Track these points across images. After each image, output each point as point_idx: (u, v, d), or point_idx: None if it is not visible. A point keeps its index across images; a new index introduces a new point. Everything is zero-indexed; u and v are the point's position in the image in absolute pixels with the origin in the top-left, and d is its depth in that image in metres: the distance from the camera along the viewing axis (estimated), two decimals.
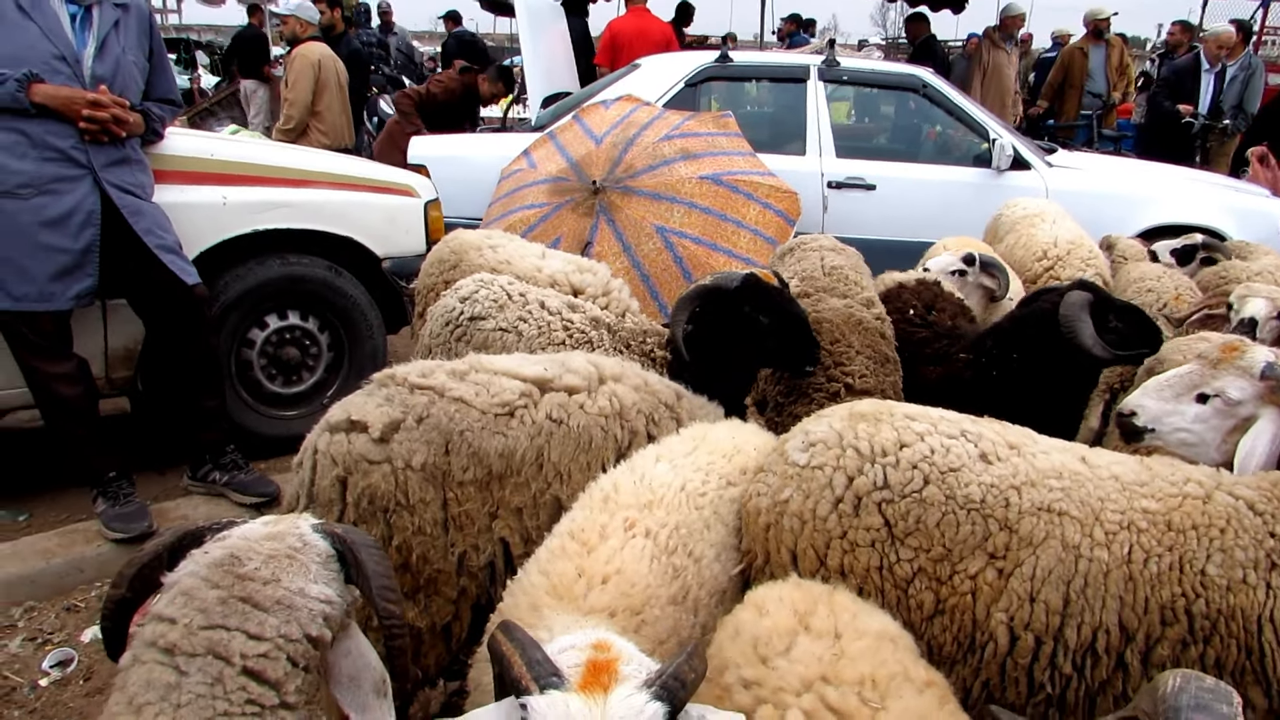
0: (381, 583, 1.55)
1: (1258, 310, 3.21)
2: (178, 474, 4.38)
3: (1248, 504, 1.92)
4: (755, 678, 1.61)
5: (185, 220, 4.01)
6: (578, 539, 1.93)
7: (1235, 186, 7.05)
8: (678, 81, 6.75)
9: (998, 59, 10.08)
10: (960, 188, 6.49)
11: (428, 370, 2.54)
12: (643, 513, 2.02)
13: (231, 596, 1.43)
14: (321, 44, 7.88)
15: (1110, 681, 1.91)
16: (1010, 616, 1.94)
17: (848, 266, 4.06)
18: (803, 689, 1.54)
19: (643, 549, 1.91)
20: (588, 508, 2.07)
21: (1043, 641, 1.93)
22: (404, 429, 2.33)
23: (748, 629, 1.72)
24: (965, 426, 2.15)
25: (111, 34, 3.72)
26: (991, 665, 1.97)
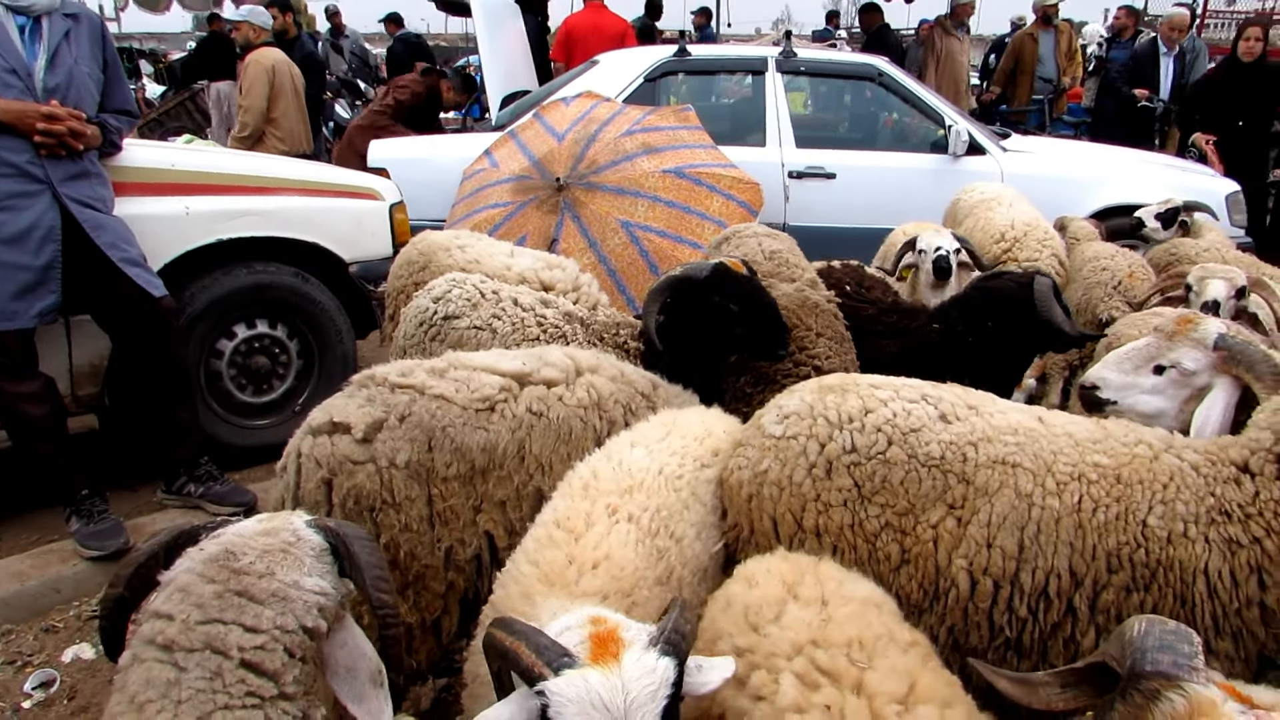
0: (375, 574, 1.58)
1: (1218, 292, 3.32)
2: (150, 489, 4.34)
3: (1192, 465, 2.05)
4: (748, 645, 1.68)
5: (148, 232, 3.97)
6: (564, 527, 1.97)
7: (1182, 167, 7.24)
8: (637, 77, 6.79)
9: (950, 46, 10.23)
10: (918, 174, 6.60)
11: (407, 369, 2.57)
12: (624, 498, 2.07)
13: (227, 591, 1.45)
14: (275, 49, 7.81)
15: (1061, 625, 2.05)
16: (969, 562, 2.09)
17: (785, 250, 4.13)
18: (794, 653, 1.61)
19: (627, 533, 1.96)
20: (569, 496, 2.11)
21: (1000, 586, 2.07)
22: (387, 428, 2.36)
23: (739, 600, 1.79)
24: (926, 391, 2.30)
25: (63, 45, 3.67)
26: (955, 611, 2.10)
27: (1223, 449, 2.07)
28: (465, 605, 2.44)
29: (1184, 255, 4.83)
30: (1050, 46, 10.73)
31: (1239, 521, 1.94)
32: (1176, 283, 3.65)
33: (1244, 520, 1.94)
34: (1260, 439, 2.02)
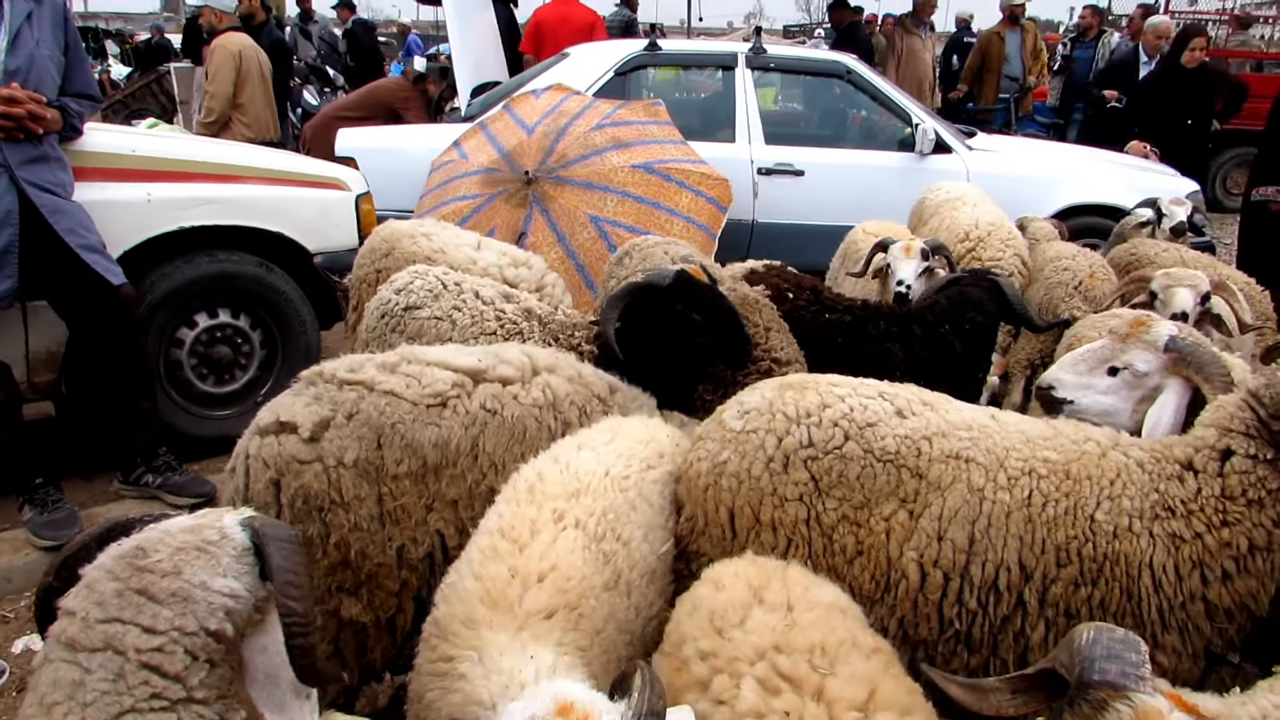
0: (286, 578, 1.49)
1: (1185, 304, 3.36)
2: (106, 479, 4.28)
3: (1137, 462, 2.09)
4: (711, 649, 1.68)
5: (108, 218, 3.91)
6: (508, 537, 1.94)
7: (1143, 166, 7.35)
8: (607, 70, 6.78)
9: (912, 44, 10.32)
10: (885, 172, 6.66)
11: (356, 365, 2.53)
12: (570, 502, 2.04)
13: (128, 589, 1.40)
14: (241, 34, 7.69)
15: (1011, 619, 2.08)
16: (920, 554, 2.12)
17: (694, 254, 4.12)
18: (756, 658, 1.61)
19: (574, 540, 1.93)
20: (514, 501, 2.07)
21: (950, 578, 2.10)
22: (334, 426, 2.33)
23: (705, 603, 1.80)
24: (883, 389, 2.34)
25: (24, 27, 3.60)
26: (905, 602, 2.13)
27: (1168, 447, 2.12)
28: (420, 603, 2.41)
29: (1144, 255, 4.92)
30: (1016, 45, 10.85)
31: (1182, 517, 1.98)
32: (1139, 287, 3.70)
33: (1186, 516, 1.98)
34: (1203, 436, 2.07)
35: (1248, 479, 1.95)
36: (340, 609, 2.32)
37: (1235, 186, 12.34)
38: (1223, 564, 1.95)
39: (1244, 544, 1.92)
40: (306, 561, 1.57)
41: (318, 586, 2.28)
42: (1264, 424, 1.98)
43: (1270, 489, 1.93)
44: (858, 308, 3.84)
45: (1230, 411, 2.07)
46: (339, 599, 2.32)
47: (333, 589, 2.31)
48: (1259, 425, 2.00)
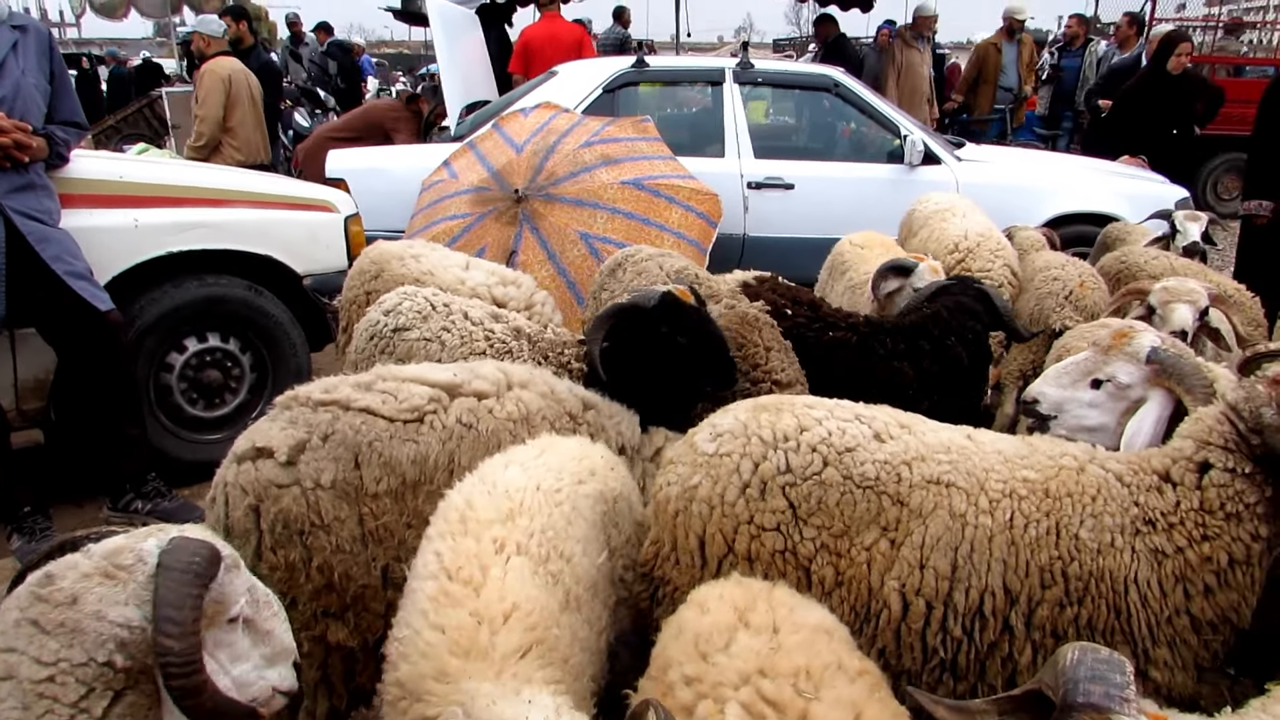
0: (164, 612, 1.42)
1: (1185, 320, 3.33)
2: (97, 505, 4.26)
3: (1116, 476, 2.06)
4: (696, 674, 1.66)
5: (95, 244, 3.92)
6: (458, 579, 1.83)
7: (1133, 175, 7.37)
8: (595, 87, 6.80)
9: (910, 58, 10.36)
10: (875, 184, 6.67)
11: (331, 386, 2.52)
12: (507, 526, 1.96)
13: (23, 619, 1.40)
14: (231, 59, 7.73)
15: (998, 644, 2.03)
16: (902, 583, 2.06)
17: (690, 267, 4.06)
18: (740, 683, 1.58)
19: (522, 568, 1.86)
20: (449, 535, 1.96)
21: (933, 606, 2.05)
22: (310, 449, 2.32)
23: (690, 627, 1.77)
24: (859, 411, 2.29)
25: (10, 56, 3.63)
26: (886, 632, 2.08)
27: (1145, 459, 2.10)
28: None
29: (1134, 264, 4.92)
30: (1013, 57, 10.88)
31: (1163, 530, 1.96)
32: (1137, 298, 3.68)
33: (1168, 529, 1.96)
34: (1181, 448, 2.05)
35: (1225, 492, 1.93)
36: (327, 634, 2.31)
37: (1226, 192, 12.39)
38: (1204, 578, 1.93)
39: (1224, 558, 1.91)
40: (198, 594, 1.50)
41: (303, 612, 2.26)
42: (1243, 438, 1.96)
43: (1248, 503, 1.91)
44: (861, 324, 3.76)
45: (1209, 424, 2.05)
46: (325, 624, 2.30)
47: (318, 614, 2.29)
48: (1238, 439, 1.98)
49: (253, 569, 2.21)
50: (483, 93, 8.23)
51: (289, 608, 2.23)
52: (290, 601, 2.25)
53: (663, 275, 3.84)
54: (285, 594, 2.24)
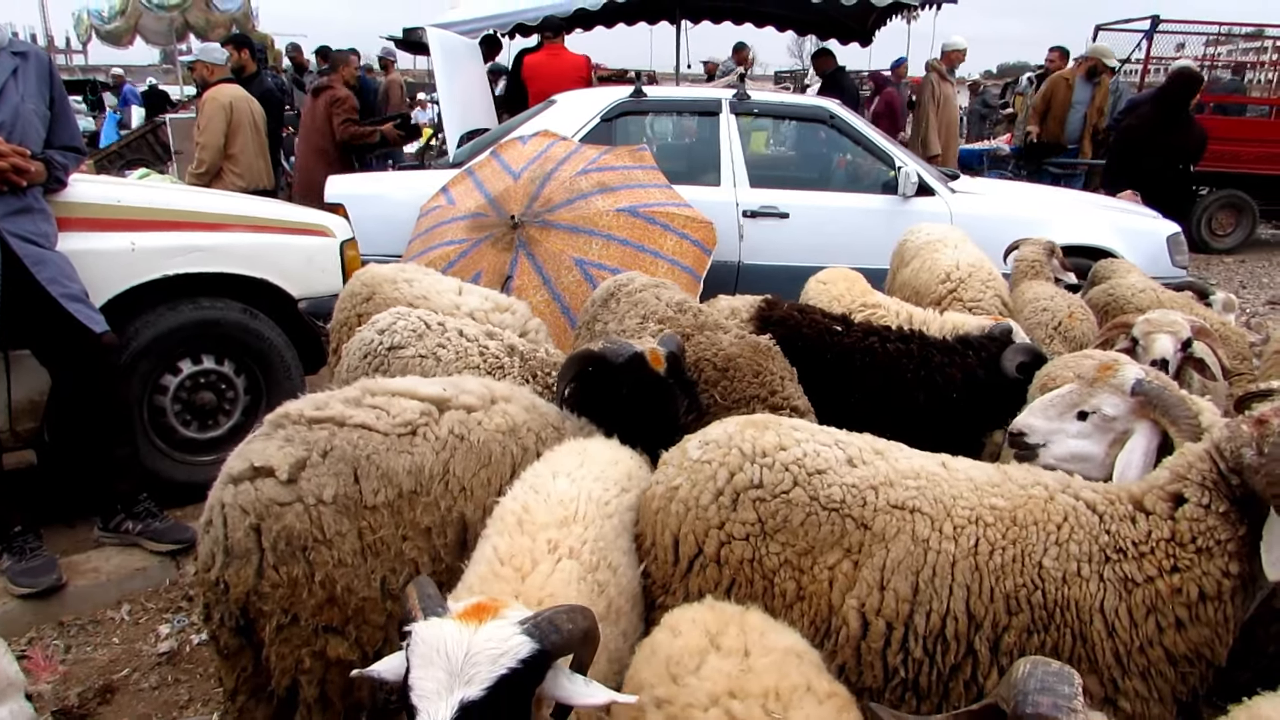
0: None
1: (1165, 350, 3.39)
2: (88, 526, 4.27)
3: (1088, 504, 2.09)
4: (667, 696, 1.68)
5: (92, 267, 3.95)
6: (509, 564, 1.96)
7: (1124, 208, 7.44)
8: (593, 116, 6.88)
9: (946, 91, 10.53)
10: (869, 214, 6.72)
11: (321, 403, 2.54)
12: (562, 530, 2.08)
13: None
14: (233, 86, 7.84)
15: (960, 666, 2.06)
16: (861, 603, 2.12)
17: (688, 299, 4.02)
18: (710, 704, 1.62)
19: (570, 571, 1.96)
20: (506, 533, 2.09)
21: (893, 627, 2.10)
22: (310, 465, 2.34)
23: (662, 649, 1.80)
24: (839, 436, 2.37)
25: (10, 82, 3.68)
26: (846, 649, 2.13)
27: (1123, 488, 2.12)
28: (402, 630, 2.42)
29: (1121, 296, 4.98)
30: (1085, 96, 10.61)
31: (1133, 559, 1.98)
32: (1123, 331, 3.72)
33: (1138, 558, 1.97)
34: (1158, 478, 2.08)
35: (1197, 526, 1.95)
36: (327, 649, 2.32)
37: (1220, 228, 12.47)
38: (1176, 611, 1.94)
39: (1194, 591, 1.92)
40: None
41: (304, 628, 2.28)
42: (1223, 477, 1.99)
43: (1219, 539, 1.93)
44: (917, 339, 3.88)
45: (1189, 460, 2.08)
46: (325, 639, 2.32)
47: (319, 629, 2.30)
48: (1218, 477, 2.00)
49: (254, 588, 2.25)
50: (481, 121, 8.32)
51: (290, 624, 2.27)
52: (292, 618, 2.28)
53: (661, 306, 3.79)
54: (287, 610, 2.28)
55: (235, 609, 2.31)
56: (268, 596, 2.28)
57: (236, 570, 2.27)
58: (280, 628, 2.30)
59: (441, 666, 1.38)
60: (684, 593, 2.27)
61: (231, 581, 2.28)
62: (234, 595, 2.29)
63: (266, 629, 2.30)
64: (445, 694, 1.36)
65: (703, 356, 3.33)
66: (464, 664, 1.38)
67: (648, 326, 3.55)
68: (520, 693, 1.43)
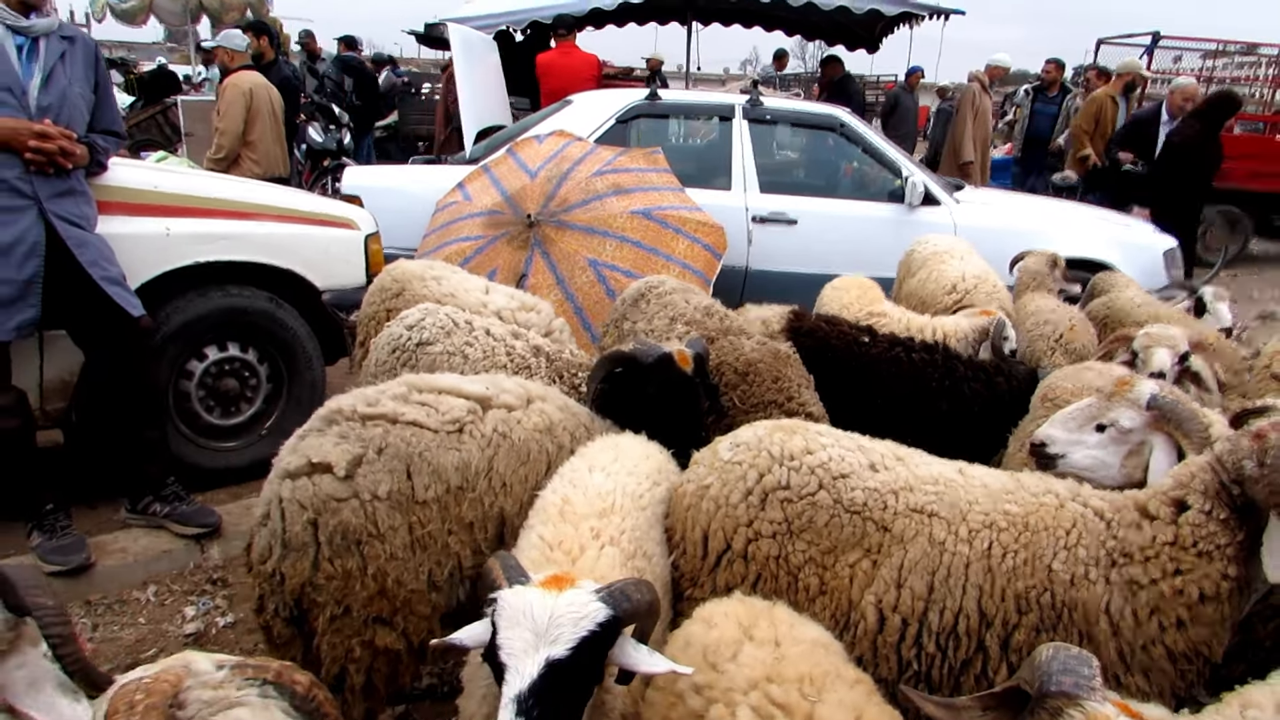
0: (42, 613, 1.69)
1: (1163, 363, 3.56)
2: (110, 507, 4.38)
3: (1096, 511, 2.24)
4: (706, 682, 1.81)
5: (128, 251, 4.05)
6: (560, 549, 2.09)
7: (1124, 222, 7.60)
8: (609, 118, 6.99)
9: (985, 103, 10.72)
10: (876, 222, 6.86)
11: (371, 399, 2.64)
12: (603, 520, 2.21)
13: None
14: (254, 73, 7.92)
15: (971, 662, 2.20)
16: (879, 599, 2.26)
17: (715, 304, 4.15)
18: (749, 688, 1.74)
19: (613, 557, 2.09)
20: (550, 522, 2.21)
21: (909, 623, 2.24)
22: (366, 462, 2.45)
23: (698, 640, 1.93)
24: (862, 442, 2.52)
25: (58, 66, 3.78)
26: (863, 642, 2.27)
27: (1130, 497, 2.26)
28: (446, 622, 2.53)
29: (1120, 310, 5.14)
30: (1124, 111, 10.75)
31: (1139, 563, 2.11)
32: (1124, 343, 3.88)
33: (1144, 562, 2.11)
34: (1161, 486, 2.23)
35: (1199, 531, 2.09)
36: (375, 639, 2.44)
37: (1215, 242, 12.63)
38: (1177, 611, 2.08)
39: (1195, 592, 2.06)
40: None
41: (356, 618, 2.40)
42: (1224, 486, 2.13)
43: (1219, 544, 2.07)
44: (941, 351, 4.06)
45: (1193, 470, 2.22)
46: (374, 629, 2.43)
47: (369, 620, 2.42)
48: (1219, 487, 2.14)
49: (309, 579, 2.36)
50: (498, 117, 8.43)
51: (343, 615, 2.39)
52: (344, 609, 2.39)
53: (689, 310, 3.94)
54: (340, 602, 2.38)
55: (290, 600, 2.42)
56: (322, 588, 2.39)
57: (293, 563, 2.38)
58: (333, 618, 2.41)
59: (528, 628, 1.53)
60: (711, 586, 2.40)
61: (288, 573, 2.39)
62: (289, 587, 2.40)
63: (320, 619, 2.41)
64: (532, 652, 1.51)
65: (725, 360, 3.46)
66: (549, 625, 1.53)
67: (675, 328, 3.69)
68: (596, 654, 1.58)
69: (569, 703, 1.56)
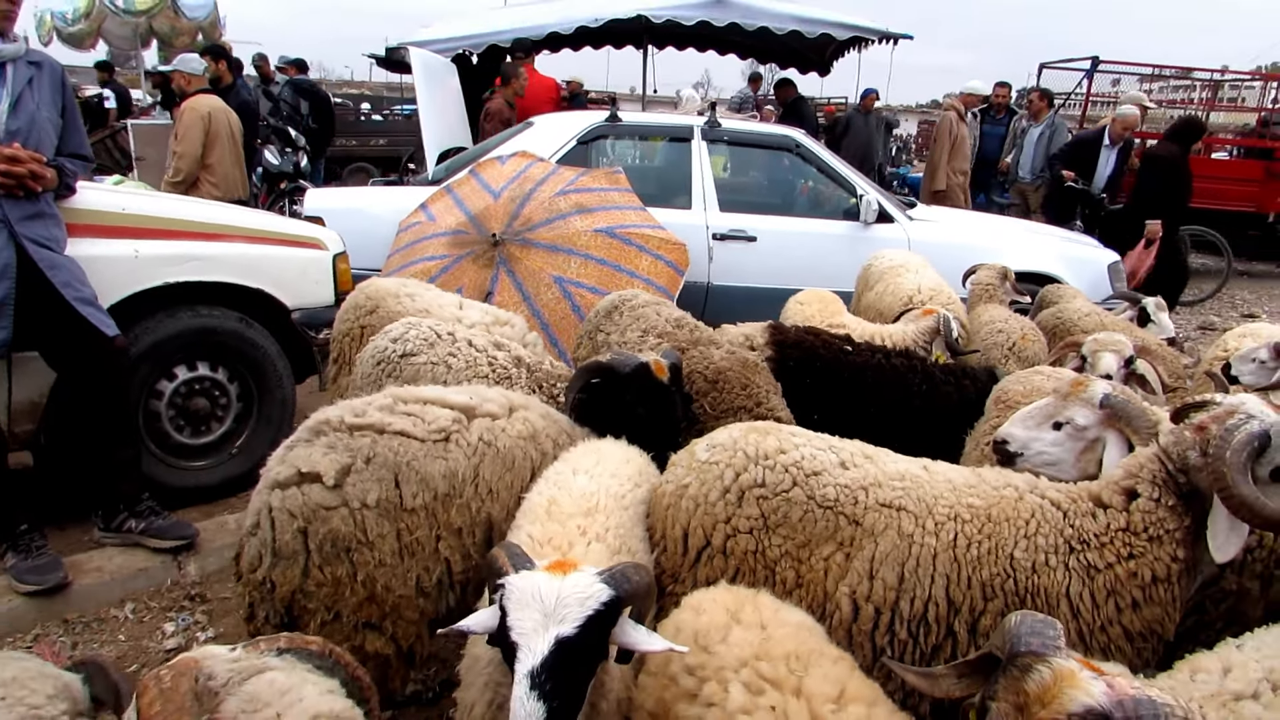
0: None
1: (1110, 367, 3.77)
2: (79, 528, 4.35)
3: (1053, 502, 2.39)
4: (698, 663, 1.92)
5: (98, 273, 4.05)
6: (549, 545, 2.18)
7: (1068, 237, 7.90)
8: (570, 139, 7.11)
9: (961, 132, 10.93)
10: (832, 239, 7.06)
11: (358, 410, 2.70)
12: (588, 519, 2.31)
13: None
14: (211, 96, 7.92)
15: (941, 647, 2.34)
16: (853, 590, 2.38)
17: (685, 316, 4.26)
18: (740, 666, 1.86)
19: (600, 552, 2.19)
20: (538, 521, 2.31)
21: (881, 612, 2.36)
22: (355, 471, 2.52)
23: (688, 625, 2.03)
24: (833, 442, 2.65)
25: (26, 90, 3.80)
26: (839, 631, 2.38)
27: (1084, 488, 2.42)
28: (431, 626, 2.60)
29: (1068, 319, 5.37)
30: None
31: (1096, 549, 2.26)
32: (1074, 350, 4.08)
33: (1100, 548, 2.26)
34: (1113, 476, 2.39)
35: (1149, 518, 2.25)
36: (365, 644, 2.50)
37: None
38: (1132, 592, 2.23)
39: (1148, 574, 2.21)
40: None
41: (345, 624, 2.46)
42: (1171, 476, 2.30)
43: (1168, 529, 2.24)
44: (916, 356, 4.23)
45: (1141, 461, 2.38)
46: (363, 635, 2.50)
47: (359, 625, 2.48)
48: (1166, 476, 2.31)
49: (299, 587, 2.42)
50: (458, 139, 8.51)
51: (333, 621, 2.45)
52: (334, 615, 2.45)
53: (661, 322, 4.05)
54: (330, 608, 2.44)
55: (280, 607, 2.48)
56: (312, 595, 2.45)
57: (283, 571, 2.44)
58: (323, 624, 2.47)
59: (537, 609, 1.62)
60: (693, 581, 2.50)
61: (278, 581, 2.45)
62: (280, 594, 2.46)
63: (310, 626, 2.47)
64: (542, 631, 1.60)
65: (695, 369, 3.58)
66: (556, 606, 1.62)
67: (647, 340, 3.80)
68: (601, 633, 1.67)
69: (577, 678, 1.64)
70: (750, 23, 9.32)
